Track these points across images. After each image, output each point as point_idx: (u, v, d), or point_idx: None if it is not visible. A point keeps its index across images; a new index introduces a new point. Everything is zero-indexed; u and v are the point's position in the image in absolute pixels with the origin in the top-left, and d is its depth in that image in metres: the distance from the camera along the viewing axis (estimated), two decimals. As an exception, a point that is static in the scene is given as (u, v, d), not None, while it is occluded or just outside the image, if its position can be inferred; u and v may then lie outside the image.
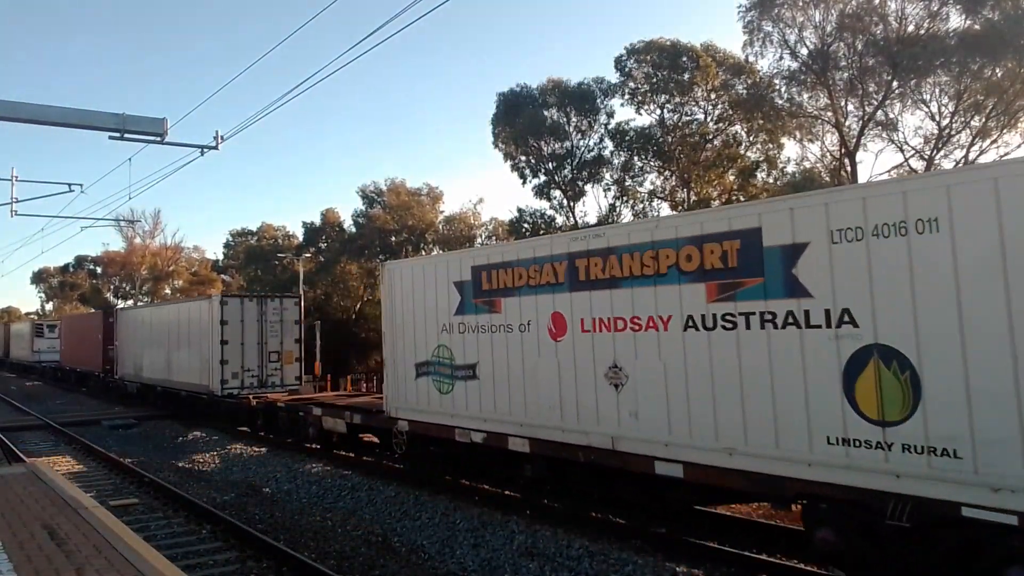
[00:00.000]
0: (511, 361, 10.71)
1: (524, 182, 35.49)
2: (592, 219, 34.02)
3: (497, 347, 10.96)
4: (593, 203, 54.98)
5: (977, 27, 23.51)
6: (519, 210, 36.83)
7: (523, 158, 35.10)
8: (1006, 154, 25.38)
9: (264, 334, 21.23)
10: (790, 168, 31.20)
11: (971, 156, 25.46)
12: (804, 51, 27.11)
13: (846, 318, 6.91)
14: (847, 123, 27.33)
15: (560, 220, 35.33)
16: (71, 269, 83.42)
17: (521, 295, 10.56)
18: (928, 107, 25.74)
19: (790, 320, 7.34)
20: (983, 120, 24.66)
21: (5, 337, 58.74)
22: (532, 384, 10.35)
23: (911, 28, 24.98)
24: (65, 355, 39.17)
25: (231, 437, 19.48)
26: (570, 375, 9.77)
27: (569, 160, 34.45)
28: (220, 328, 20.40)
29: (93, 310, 57.64)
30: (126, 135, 11.08)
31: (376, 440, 16.23)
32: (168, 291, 63.43)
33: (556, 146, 34.37)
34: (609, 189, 34.25)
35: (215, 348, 20.37)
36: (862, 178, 27.28)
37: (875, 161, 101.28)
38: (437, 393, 12.20)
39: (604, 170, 33.97)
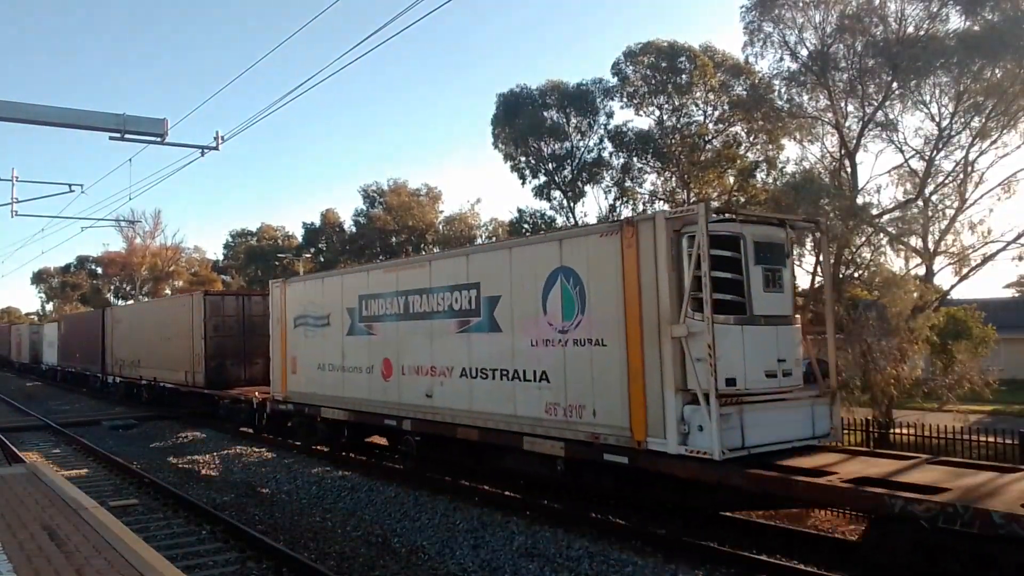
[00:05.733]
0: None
1: (524, 183, 35.50)
2: (592, 220, 34.04)
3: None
4: (593, 204, 55.09)
5: (977, 28, 23.53)
6: (519, 211, 36.91)
7: (523, 159, 35.12)
8: (1006, 155, 25.40)
9: None
10: (790, 168, 31.23)
11: (971, 156, 25.48)
12: (804, 52, 27.11)
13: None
14: (847, 124, 27.32)
15: (560, 221, 35.35)
16: (72, 269, 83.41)
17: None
18: (928, 108, 25.72)
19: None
20: (983, 121, 24.66)
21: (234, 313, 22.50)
22: None
23: (911, 29, 24.97)
24: None
25: (231, 437, 19.47)
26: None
27: (569, 161, 34.46)
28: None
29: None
30: (126, 135, 11.08)
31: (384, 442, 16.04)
32: (168, 291, 63.21)
33: (556, 147, 34.38)
34: (610, 190, 34.27)
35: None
36: (862, 179, 27.31)
37: (875, 162, 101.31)
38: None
39: (604, 171, 33.98)
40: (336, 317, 14.74)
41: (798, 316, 9.68)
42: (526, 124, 33.60)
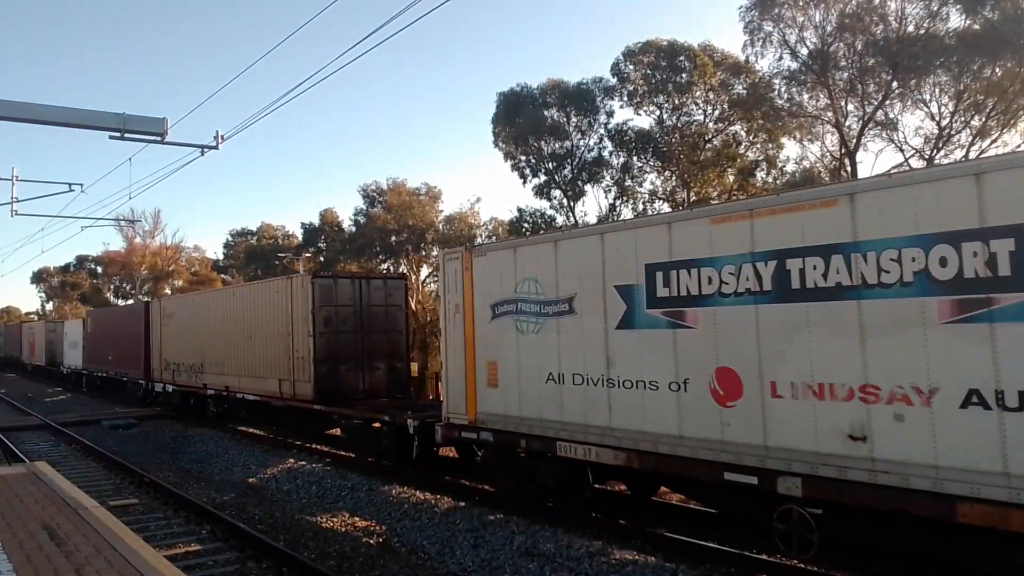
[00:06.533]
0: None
1: (524, 182, 35.55)
2: (592, 219, 34.05)
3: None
4: (593, 203, 55.21)
5: (977, 27, 23.53)
6: (519, 210, 36.96)
7: (523, 158, 35.14)
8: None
9: None
10: (789, 167, 31.26)
11: (971, 155, 25.48)
12: (804, 51, 27.12)
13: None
14: (847, 123, 27.34)
15: (560, 220, 35.38)
16: (72, 269, 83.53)
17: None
18: (928, 107, 25.76)
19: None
20: (983, 120, 24.68)
21: None
22: None
23: (911, 28, 24.99)
24: None
25: (230, 436, 19.45)
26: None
27: (569, 160, 34.47)
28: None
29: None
30: (126, 135, 11.09)
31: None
32: (168, 291, 63.23)
33: (556, 146, 34.39)
34: (610, 190, 34.30)
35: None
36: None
37: (875, 161, 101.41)
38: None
39: (604, 170, 34.00)
40: (590, 300, 9.71)
41: None
42: (526, 123, 33.61)
